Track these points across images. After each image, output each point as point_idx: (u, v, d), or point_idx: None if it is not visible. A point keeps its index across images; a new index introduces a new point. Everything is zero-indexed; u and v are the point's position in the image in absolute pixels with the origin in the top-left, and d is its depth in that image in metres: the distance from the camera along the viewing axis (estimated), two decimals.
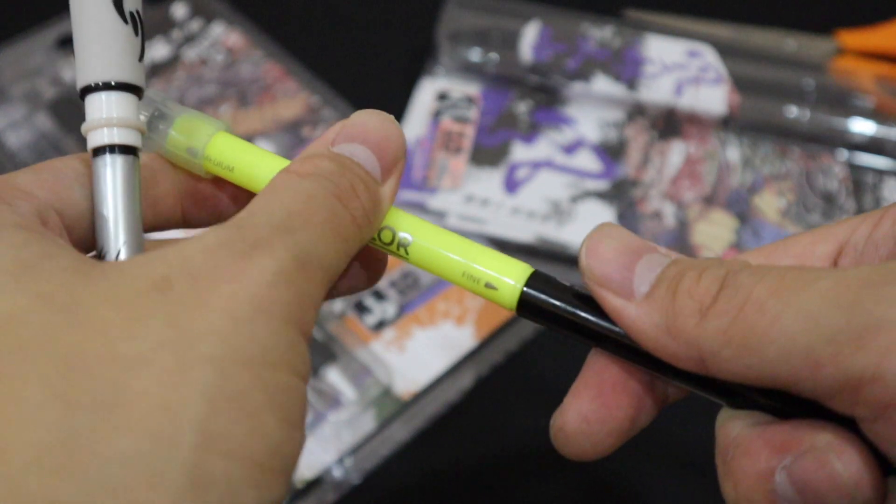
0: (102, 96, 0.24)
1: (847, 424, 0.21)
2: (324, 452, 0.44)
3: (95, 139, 0.24)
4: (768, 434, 0.22)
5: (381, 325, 0.48)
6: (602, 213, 0.52)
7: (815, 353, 0.20)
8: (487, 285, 0.24)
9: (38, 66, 0.57)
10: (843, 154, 0.55)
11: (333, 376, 0.46)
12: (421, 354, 0.47)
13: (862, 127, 0.55)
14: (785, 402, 0.22)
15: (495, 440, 0.46)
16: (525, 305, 0.24)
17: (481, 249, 0.25)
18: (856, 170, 0.55)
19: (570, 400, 0.25)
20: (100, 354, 0.19)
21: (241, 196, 0.27)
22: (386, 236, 0.25)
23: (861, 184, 0.54)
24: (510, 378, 0.48)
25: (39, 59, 0.58)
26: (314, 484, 0.44)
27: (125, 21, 0.24)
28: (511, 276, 0.24)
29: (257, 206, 0.22)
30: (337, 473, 0.44)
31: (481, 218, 0.52)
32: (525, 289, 0.24)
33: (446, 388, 0.47)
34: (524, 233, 0.51)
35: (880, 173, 0.55)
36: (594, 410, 0.24)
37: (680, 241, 0.51)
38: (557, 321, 0.25)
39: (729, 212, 0.53)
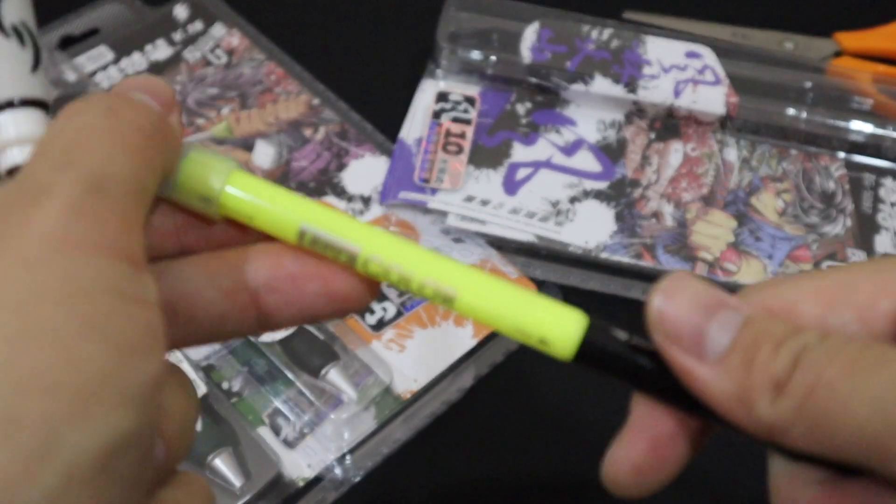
0: (7, 116, 0.23)
1: None
2: (324, 451, 0.44)
3: (7, 159, 0.23)
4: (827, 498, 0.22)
5: (381, 325, 0.48)
6: (601, 213, 0.52)
7: (883, 443, 0.20)
8: (541, 341, 0.24)
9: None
10: (842, 155, 0.55)
11: (334, 375, 0.46)
12: (421, 354, 0.47)
13: (860, 128, 0.55)
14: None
15: (495, 440, 0.46)
16: (583, 359, 0.24)
17: (532, 300, 0.24)
18: (854, 170, 0.55)
19: (623, 451, 0.24)
20: None
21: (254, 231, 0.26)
22: (428, 290, 0.24)
23: (859, 184, 0.54)
24: (510, 378, 0.48)
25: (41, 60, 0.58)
26: (314, 482, 0.44)
27: (6, 36, 0.24)
28: (566, 331, 0.23)
29: (35, 156, 0.21)
30: (337, 472, 0.44)
31: (481, 218, 0.52)
32: (581, 344, 0.23)
33: (446, 387, 0.47)
34: (524, 233, 0.52)
35: (878, 174, 0.55)
36: (649, 463, 0.24)
37: (679, 241, 0.52)
38: (616, 373, 0.24)
39: (727, 212, 0.53)
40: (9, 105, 0.23)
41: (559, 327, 0.24)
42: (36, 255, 0.19)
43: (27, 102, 0.24)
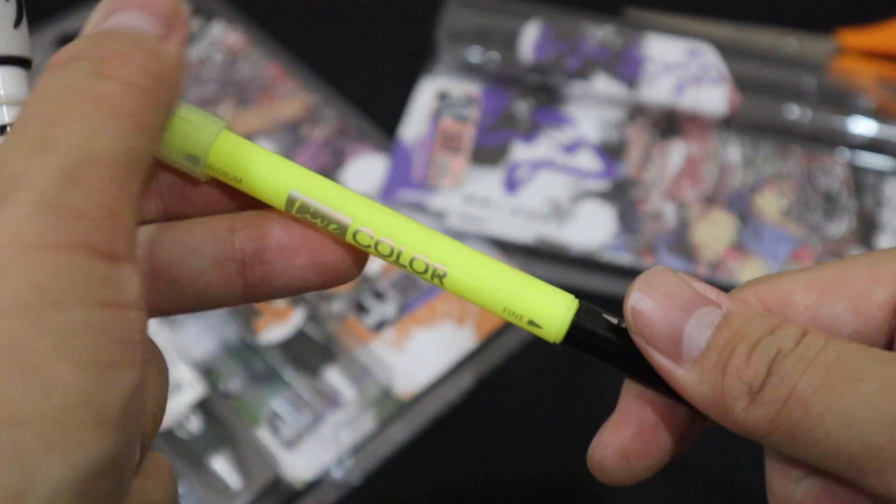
0: None
1: None
2: (323, 453, 0.44)
3: None
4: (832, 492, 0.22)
5: (380, 326, 0.48)
6: (602, 213, 0.52)
7: (859, 462, 0.20)
8: (531, 322, 0.23)
9: (38, 65, 0.57)
10: (845, 154, 0.55)
11: (333, 377, 0.46)
12: (421, 354, 0.47)
13: (863, 127, 0.55)
14: None
15: (496, 441, 0.46)
16: (571, 342, 0.23)
17: (523, 281, 0.24)
18: (857, 170, 0.55)
19: (609, 435, 0.24)
20: None
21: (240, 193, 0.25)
22: (419, 265, 0.23)
23: (862, 184, 0.54)
24: (510, 378, 0.48)
25: (39, 58, 0.57)
26: (314, 485, 0.43)
27: None
28: (555, 313, 0.23)
29: (12, 133, 0.19)
30: (337, 474, 0.44)
31: (481, 218, 0.52)
32: (571, 327, 0.23)
33: (446, 388, 0.46)
34: (524, 233, 0.51)
35: (881, 173, 0.54)
36: (635, 449, 0.24)
37: (680, 241, 0.51)
38: (605, 358, 0.24)
39: (730, 212, 0.53)
40: None
41: (549, 309, 0.23)
42: (2, 261, 0.17)
43: (8, 60, 0.22)
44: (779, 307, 0.23)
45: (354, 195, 0.24)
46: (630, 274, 0.51)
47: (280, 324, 0.47)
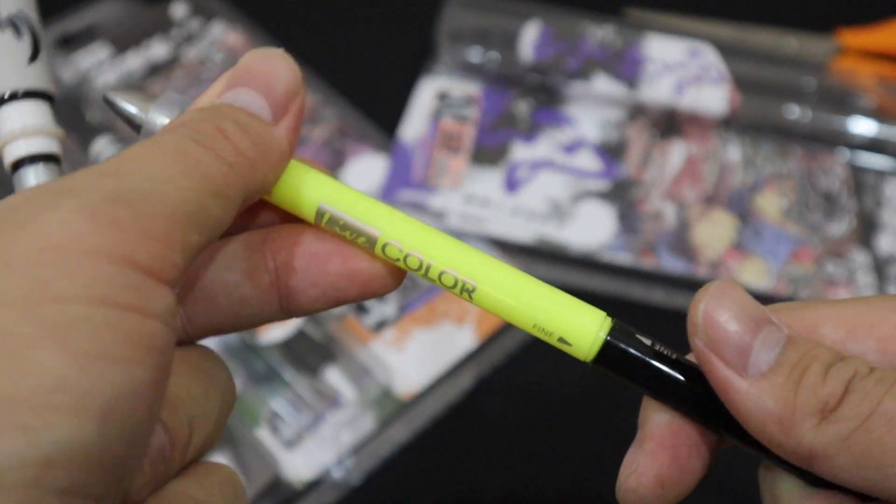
0: (7, 109, 0.23)
1: None
2: (323, 453, 0.44)
3: (11, 152, 0.23)
4: None
5: (380, 326, 0.48)
6: (602, 213, 0.52)
7: None
8: (561, 340, 0.23)
9: None
10: (845, 154, 0.55)
11: (333, 377, 0.46)
12: (421, 355, 0.47)
13: (863, 127, 0.55)
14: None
15: (495, 441, 0.46)
16: (602, 362, 0.23)
17: (554, 297, 0.23)
18: (857, 170, 0.55)
19: (646, 461, 0.24)
20: None
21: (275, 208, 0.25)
22: (448, 280, 0.23)
23: (862, 184, 0.54)
24: (510, 379, 0.48)
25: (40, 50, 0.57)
26: (314, 485, 0.43)
27: (0, 28, 0.24)
28: (587, 332, 0.23)
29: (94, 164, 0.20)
30: (337, 474, 0.44)
31: (481, 218, 0.52)
32: (603, 346, 0.23)
33: (446, 388, 0.46)
34: (524, 233, 0.51)
35: (881, 173, 0.54)
36: (672, 475, 0.23)
37: (680, 241, 0.51)
38: (636, 380, 0.23)
39: (730, 212, 0.53)
40: (7, 98, 0.24)
41: (581, 327, 0.23)
42: (20, 257, 0.18)
43: (26, 94, 0.24)
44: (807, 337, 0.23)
45: (384, 207, 0.24)
46: (630, 274, 0.50)
47: (280, 324, 0.47)
